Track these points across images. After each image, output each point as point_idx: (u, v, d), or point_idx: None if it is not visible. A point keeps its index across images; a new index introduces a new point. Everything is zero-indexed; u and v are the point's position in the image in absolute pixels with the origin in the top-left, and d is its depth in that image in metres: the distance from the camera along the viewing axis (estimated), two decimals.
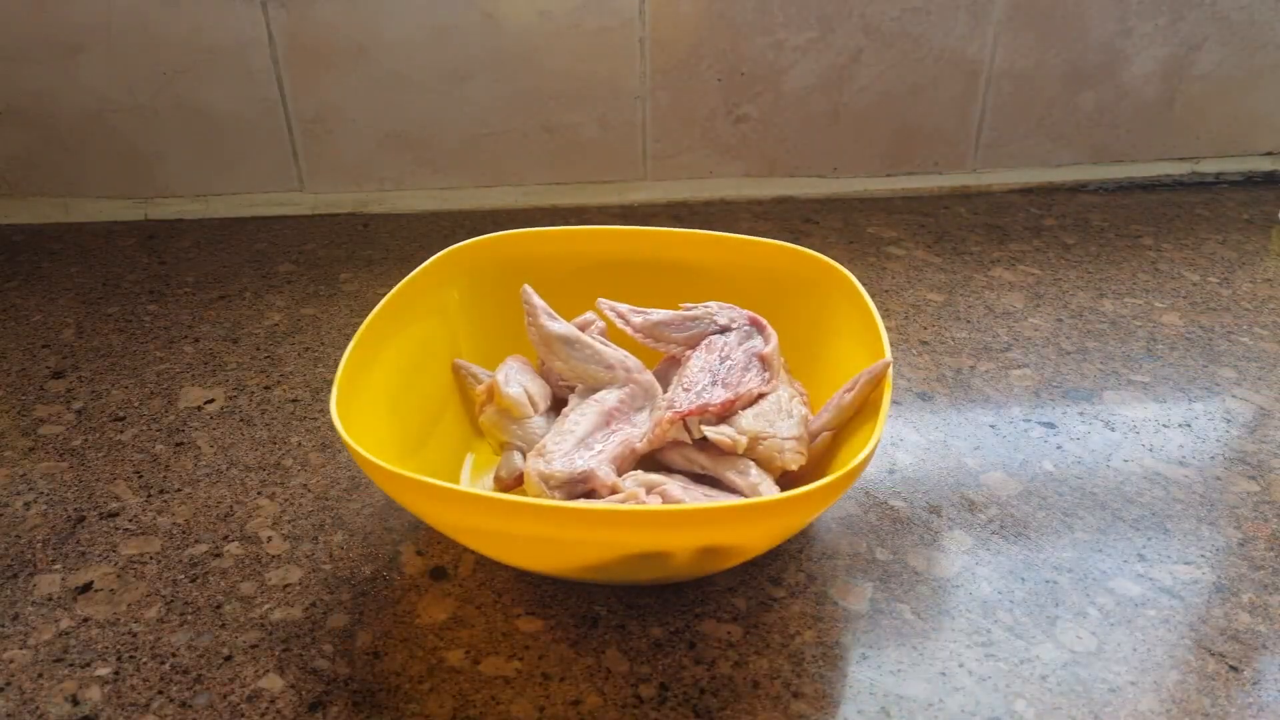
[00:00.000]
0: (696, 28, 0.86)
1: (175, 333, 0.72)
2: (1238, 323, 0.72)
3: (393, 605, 0.47)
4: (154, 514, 0.53)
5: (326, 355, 0.69)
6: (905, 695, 0.42)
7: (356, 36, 0.85)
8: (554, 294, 0.56)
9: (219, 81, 0.85)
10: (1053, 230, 0.87)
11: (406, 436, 0.51)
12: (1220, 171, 0.98)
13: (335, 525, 0.52)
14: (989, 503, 0.53)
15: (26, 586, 0.48)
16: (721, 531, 0.41)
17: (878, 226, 0.88)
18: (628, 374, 0.52)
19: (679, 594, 0.47)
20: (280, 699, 0.42)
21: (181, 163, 0.89)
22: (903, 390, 0.64)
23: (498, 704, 0.42)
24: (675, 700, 0.42)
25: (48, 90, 0.85)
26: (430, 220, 0.90)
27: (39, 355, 0.69)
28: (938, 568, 0.49)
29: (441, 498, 0.41)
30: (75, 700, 0.42)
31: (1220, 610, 0.46)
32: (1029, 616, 0.46)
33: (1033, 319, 0.72)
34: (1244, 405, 0.62)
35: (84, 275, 0.80)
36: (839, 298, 0.55)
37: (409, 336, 0.54)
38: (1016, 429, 0.60)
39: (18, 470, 0.57)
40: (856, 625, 0.46)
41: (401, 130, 0.89)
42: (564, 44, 0.86)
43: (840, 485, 0.40)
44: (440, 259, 0.57)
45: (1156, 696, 0.42)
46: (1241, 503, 0.54)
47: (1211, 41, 0.91)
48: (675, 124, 0.90)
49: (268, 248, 0.85)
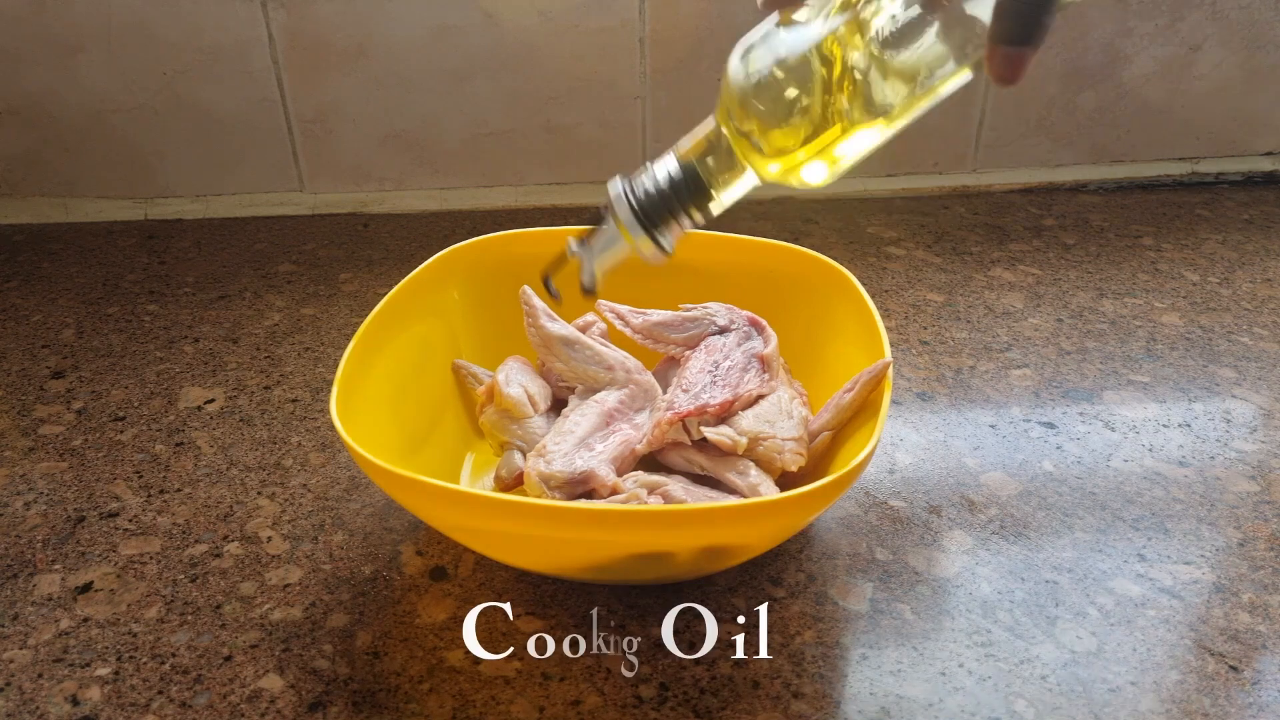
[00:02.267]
0: (696, 28, 0.86)
1: (175, 333, 0.72)
2: (1238, 323, 0.72)
3: (393, 605, 0.47)
4: (154, 514, 0.53)
5: (326, 355, 0.69)
6: (905, 695, 0.42)
7: (356, 36, 0.85)
8: None
9: (219, 81, 0.85)
10: (1053, 230, 0.87)
11: (406, 436, 0.51)
12: (1220, 171, 0.98)
13: (335, 525, 0.52)
14: (989, 503, 0.53)
15: (26, 586, 0.48)
16: (721, 531, 0.41)
17: (878, 226, 0.88)
18: (627, 375, 0.52)
19: (679, 594, 0.47)
20: (280, 699, 0.42)
21: (181, 163, 0.89)
22: (903, 390, 0.64)
23: (498, 704, 0.42)
24: (675, 700, 0.42)
25: (48, 90, 0.85)
26: (430, 220, 0.90)
27: (39, 355, 0.69)
28: (938, 568, 0.49)
29: (441, 498, 0.41)
30: (75, 700, 0.42)
31: (1220, 610, 0.46)
32: (1029, 616, 0.46)
33: (1033, 319, 0.72)
34: (1244, 405, 0.62)
35: (84, 275, 0.80)
36: (839, 298, 0.55)
37: (409, 336, 0.54)
38: (1016, 429, 0.60)
39: (18, 470, 0.57)
40: (856, 625, 0.46)
41: (401, 130, 0.89)
42: (564, 44, 0.86)
43: (840, 485, 0.40)
44: (440, 259, 0.57)
45: (1156, 696, 0.42)
46: (1241, 503, 0.54)
47: (1211, 41, 0.91)
48: (675, 124, 0.90)
49: (268, 248, 0.85)
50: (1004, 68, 0.35)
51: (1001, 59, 0.35)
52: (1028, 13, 0.34)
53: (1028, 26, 0.35)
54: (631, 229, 0.39)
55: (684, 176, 0.39)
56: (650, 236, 0.40)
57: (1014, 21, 0.35)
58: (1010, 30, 0.35)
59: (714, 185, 0.39)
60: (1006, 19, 0.35)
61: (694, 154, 0.39)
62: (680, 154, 0.40)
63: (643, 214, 0.39)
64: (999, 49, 0.35)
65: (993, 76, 0.36)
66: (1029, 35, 0.35)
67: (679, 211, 0.39)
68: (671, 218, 0.39)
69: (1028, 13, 0.34)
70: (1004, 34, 0.35)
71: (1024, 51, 0.35)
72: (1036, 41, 0.35)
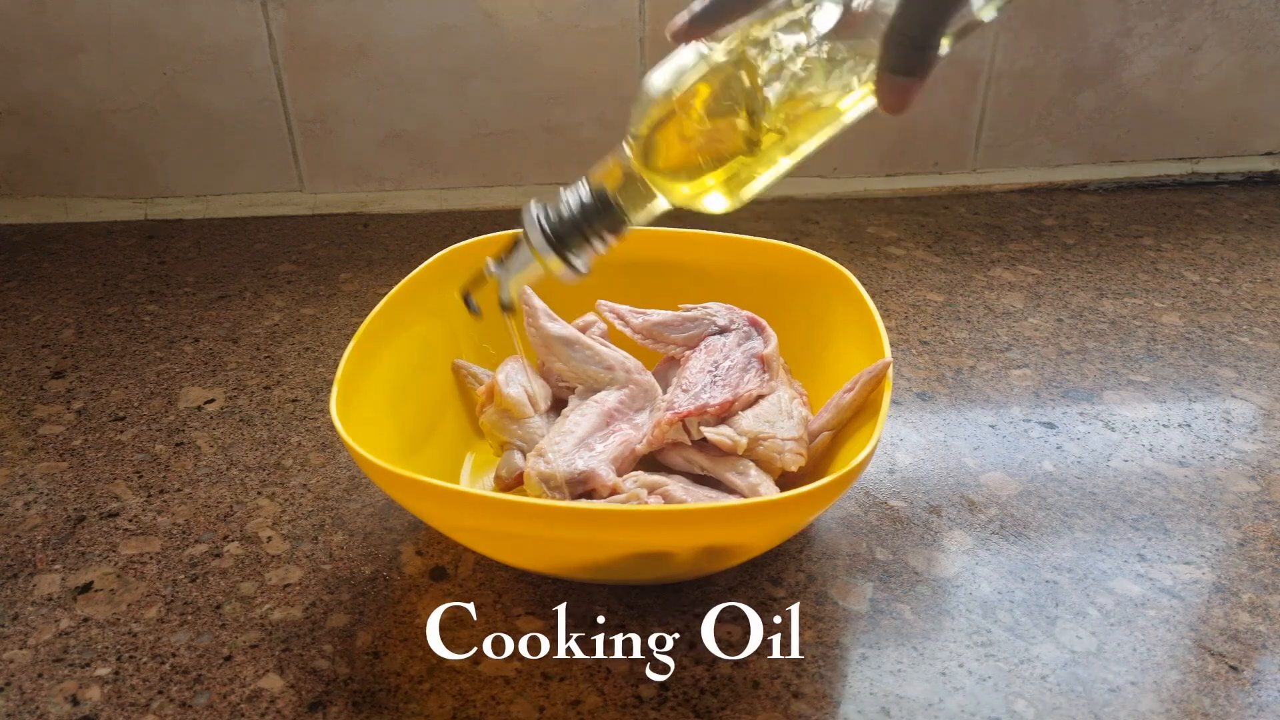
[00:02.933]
0: None
1: (175, 333, 0.72)
2: (1238, 323, 0.72)
3: (393, 605, 0.47)
4: (154, 514, 0.53)
5: (326, 355, 0.69)
6: (905, 695, 0.42)
7: (356, 36, 0.85)
8: (554, 294, 0.56)
9: (219, 81, 0.85)
10: (1053, 230, 0.87)
11: (406, 436, 0.51)
12: (1220, 171, 0.98)
13: (335, 525, 0.52)
14: (989, 503, 0.53)
15: (26, 586, 0.48)
16: (722, 531, 0.41)
17: (877, 226, 0.88)
18: (627, 375, 0.52)
19: (679, 594, 0.47)
20: (280, 699, 0.42)
21: (181, 163, 0.89)
22: (903, 390, 0.64)
23: (498, 704, 0.42)
24: (675, 700, 0.42)
25: (48, 90, 0.85)
26: (430, 220, 0.90)
27: (39, 355, 0.69)
28: (938, 568, 0.49)
29: (441, 498, 0.41)
30: (75, 700, 0.42)
31: (1220, 610, 0.46)
32: (1029, 616, 0.46)
33: (1033, 319, 0.72)
34: (1244, 405, 0.62)
35: (84, 275, 0.80)
36: (839, 298, 0.55)
37: (409, 336, 0.54)
38: (1016, 429, 0.60)
39: (18, 470, 0.57)
40: (856, 625, 0.46)
41: (401, 130, 0.89)
42: (564, 44, 0.86)
43: (840, 485, 0.40)
44: (440, 259, 0.57)
45: (1156, 696, 0.42)
46: (1241, 503, 0.54)
47: (1211, 41, 0.91)
48: None
49: (268, 248, 0.85)
50: (891, 97, 0.36)
51: (888, 88, 0.35)
52: (911, 44, 0.35)
53: (911, 58, 0.35)
54: (543, 251, 0.42)
55: (594, 201, 0.41)
56: (562, 258, 0.42)
57: (898, 52, 0.35)
58: (895, 60, 0.35)
59: (626, 208, 0.41)
60: (892, 49, 0.35)
61: (604, 179, 0.41)
62: (592, 179, 0.42)
63: (555, 236, 0.41)
64: (885, 78, 0.35)
65: (881, 106, 0.36)
66: (913, 67, 0.35)
67: (590, 234, 0.41)
68: (584, 240, 0.41)
69: (911, 44, 0.35)
70: (890, 63, 0.35)
71: (910, 83, 0.35)
72: (921, 75, 0.35)
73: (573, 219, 0.41)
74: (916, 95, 0.35)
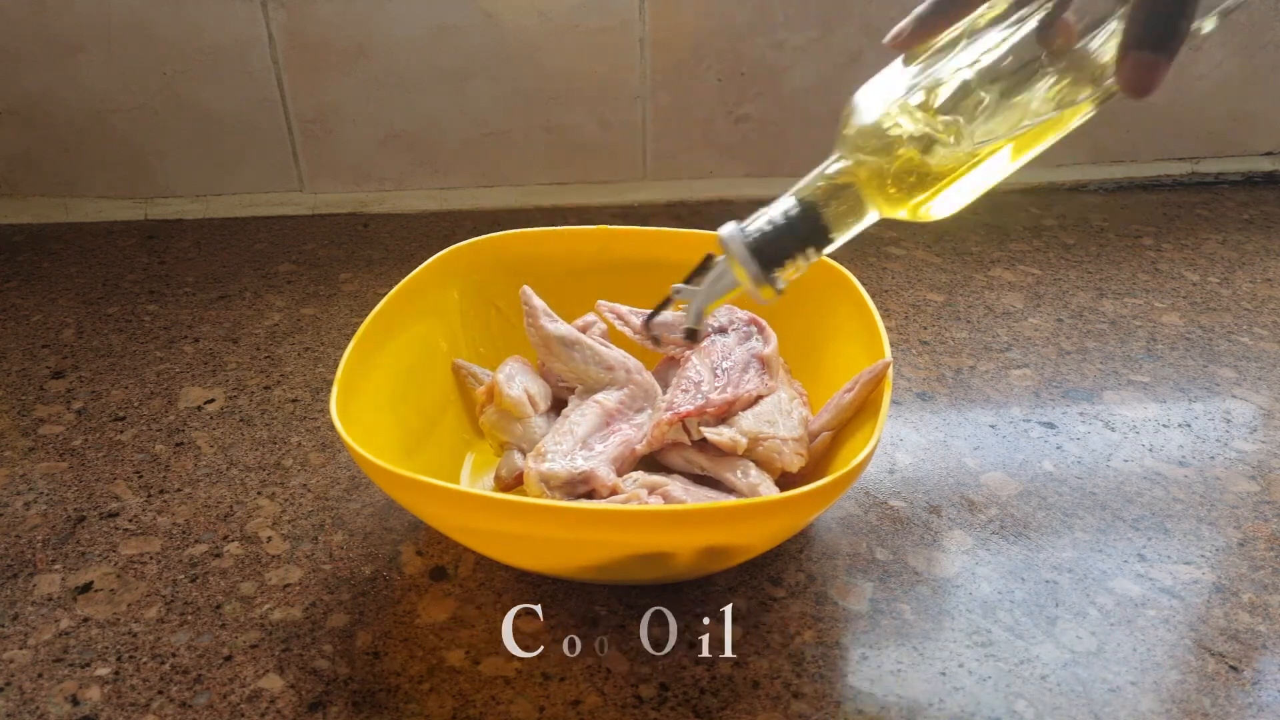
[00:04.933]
0: (696, 28, 0.86)
1: (175, 333, 0.72)
2: (1238, 323, 0.72)
3: (393, 605, 0.47)
4: (154, 514, 0.53)
5: (326, 355, 0.69)
6: (905, 695, 0.42)
7: (356, 36, 0.85)
8: (554, 294, 0.56)
9: (219, 81, 0.85)
10: (1053, 230, 0.87)
11: (406, 436, 0.51)
12: (1220, 171, 0.98)
13: (335, 525, 0.52)
14: (989, 503, 0.53)
15: (26, 586, 0.48)
16: (722, 531, 0.41)
17: (877, 226, 0.88)
18: (627, 375, 0.52)
19: (679, 594, 0.47)
20: (280, 699, 0.42)
21: (181, 163, 0.89)
22: (903, 390, 0.64)
23: (498, 704, 0.42)
24: (675, 700, 0.42)
25: (48, 90, 0.85)
26: (430, 220, 0.90)
27: (39, 355, 0.69)
28: (938, 568, 0.49)
29: (441, 498, 0.41)
30: (75, 700, 0.42)
31: (1220, 610, 0.46)
32: (1029, 616, 0.46)
33: (1033, 319, 0.72)
34: (1244, 405, 0.62)
35: (84, 275, 0.80)
36: (839, 298, 0.55)
37: (409, 336, 0.54)
38: (1016, 429, 0.60)
39: (18, 470, 0.57)
40: (856, 625, 0.46)
41: (401, 130, 0.89)
42: (564, 44, 0.86)
43: (840, 485, 0.40)
44: (440, 259, 0.57)
45: (1156, 696, 0.42)
46: (1241, 503, 0.54)
47: (1211, 41, 0.91)
48: (675, 124, 0.90)
49: (268, 248, 0.85)
50: (1136, 75, 0.33)
51: (1133, 65, 0.33)
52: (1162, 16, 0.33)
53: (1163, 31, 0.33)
54: (756, 276, 0.40)
55: (803, 219, 0.40)
56: (765, 274, 0.40)
57: (1147, 24, 0.33)
58: (1143, 35, 0.33)
59: (833, 225, 0.40)
60: (1141, 22, 0.33)
61: (814, 194, 0.40)
62: (800, 194, 0.40)
63: (764, 258, 0.40)
64: (1131, 55, 0.33)
65: (1125, 87, 0.34)
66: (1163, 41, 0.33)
67: (794, 251, 0.40)
68: (786, 257, 0.40)
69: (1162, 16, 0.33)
70: (1137, 38, 0.33)
71: (1159, 59, 0.33)
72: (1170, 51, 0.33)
73: (780, 239, 0.40)
74: (1164, 74, 0.33)
